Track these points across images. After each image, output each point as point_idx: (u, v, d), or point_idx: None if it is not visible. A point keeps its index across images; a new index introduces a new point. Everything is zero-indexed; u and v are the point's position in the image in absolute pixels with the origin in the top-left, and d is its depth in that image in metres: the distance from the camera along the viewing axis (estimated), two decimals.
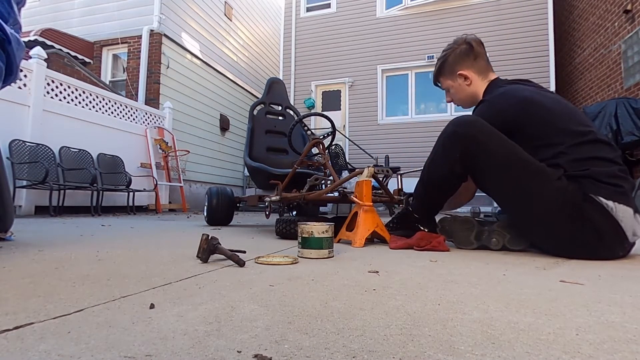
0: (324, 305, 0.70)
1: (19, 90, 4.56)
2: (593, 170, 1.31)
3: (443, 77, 1.81)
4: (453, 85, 1.77)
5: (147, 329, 0.55)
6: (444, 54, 1.78)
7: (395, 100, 8.58)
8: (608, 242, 1.30)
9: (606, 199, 1.27)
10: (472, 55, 1.70)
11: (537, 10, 7.59)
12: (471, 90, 1.72)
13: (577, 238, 1.32)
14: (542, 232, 1.41)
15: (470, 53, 1.70)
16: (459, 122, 1.51)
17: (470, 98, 1.75)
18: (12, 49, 1.30)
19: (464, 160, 1.48)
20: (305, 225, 1.29)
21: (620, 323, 0.61)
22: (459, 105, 1.83)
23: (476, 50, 1.70)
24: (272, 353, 0.47)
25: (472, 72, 1.71)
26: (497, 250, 1.52)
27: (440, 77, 1.82)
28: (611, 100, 5.26)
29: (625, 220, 1.28)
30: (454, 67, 1.73)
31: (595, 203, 1.28)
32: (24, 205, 4.52)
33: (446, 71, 1.77)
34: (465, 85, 1.73)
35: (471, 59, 1.70)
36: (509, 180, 1.41)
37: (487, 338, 0.54)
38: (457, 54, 1.72)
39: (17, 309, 0.64)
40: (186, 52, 7.96)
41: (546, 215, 1.35)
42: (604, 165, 1.32)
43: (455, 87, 1.76)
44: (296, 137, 3.25)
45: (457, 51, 1.72)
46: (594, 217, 1.28)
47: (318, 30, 9.10)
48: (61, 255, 1.25)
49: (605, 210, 1.27)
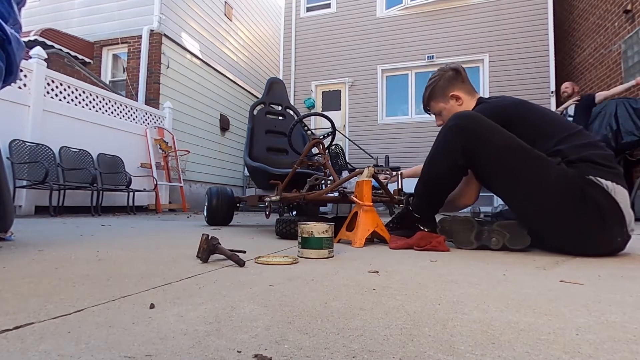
0: (324, 305, 0.70)
1: (19, 90, 4.56)
2: (590, 154, 1.39)
3: (434, 101, 1.87)
4: (445, 107, 1.84)
5: (147, 329, 0.55)
6: (432, 80, 1.86)
7: (395, 100, 8.58)
8: (610, 222, 1.33)
9: (605, 180, 1.34)
10: (459, 78, 1.81)
11: (537, 10, 7.59)
12: (463, 110, 1.78)
13: (580, 221, 1.35)
14: (544, 220, 1.43)
15: (458, 77, 1.81)
16: (460, 116, 1.56)
17: None
18: (12, 49, 1.30)
19: (466, 151, 1.52)
20: (305, 225, 1.29)
21: (620, 323, 0.61)
22: None
23: (462, 74, 1.82)
24: (272, 353, 0.47)
25: (462, 93, 1.80)
26: (497, 250, 1.52)
27: (432, 101, 1.88)
28: (611, 100, 5.26)
29: (623, 202, 1.34)
30: (446, 90, 1.81)
31: (595, 185, 1.34)
32: (24, 205, 4.52)
33: (437, 94, 1.84)
34: (457, 105, 1.80)
35: (459, 82, 1.81)
36: (510, 169, 1.45)
37: (487, 338, 0.54)
38: (446, 78, 1.82)
39: (17, 309, 0.64)
40: (186, 52, 7.96)
41: (548, 200, 1.39)
42: (599, 149, 1.42)
43: (448, 109, 1.83)
44: (296, 137, 3.25)
45: (445, 76, 1.82)
46: (595, 197, 1.33)
47: (318, 30, 9.09)
48: (61, 255, 1.25)
49: (605, 191, 1.33)
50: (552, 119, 1.55)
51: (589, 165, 1.37)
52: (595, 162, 1.37)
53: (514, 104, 1.60)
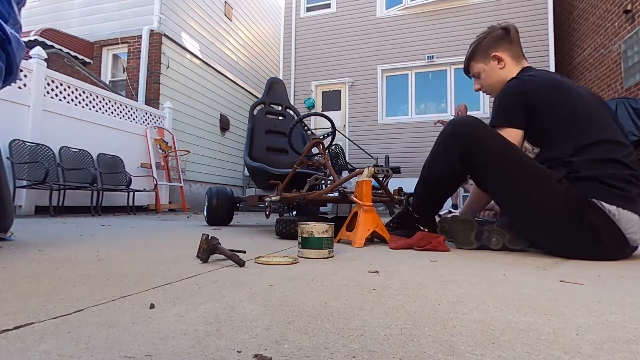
0: (324, 305, 0.70)
1: (19, 90, 4.56)
2: (602, 173, 1.28)
3: (475, 60, 1.72)
4: (485, 69, 1.69)
5: (147, 329, 0.55)
6: (478, 38, 1.72)
7: (395, 100, 8.58)
8: (606, 245, 1.28)
9: (609, 204, 1.25)
10: (507, 39, 1.65)
11: (537, 10, 7.59)
12: (504, 74, 1.65)
13: (574, 240, 1.31)
14: (539, 236, 1.42)
15: (506, 37, 1.65)
16: (460, 122, 1.52)
17: (501, 83, 1.66)
18: (12, 49, 1.30)
19: (464, 160, 1.49)
20: (305, 225, 1.29)
21: (620, 323, 0.61)
22: (487, 92, 1.76)
23: (512, 35, 1.65)
24: (272, 353, 0.47)
25: (506, 55, 1.65)
26: (497, 250, 1.52)
27: (472, 60, 1.74)
28: (611, 100, 5.26)
29: (627, 228, 1.26)
30: (488, 49, 1.67)
31: (596, 207, 1.27)
32: (24, 205, 4.52)
33: (479, 54, 1.70)
34: (498, 68, 1.66)
35: (507, 43, 1.65)
36: (507, 181, 1.41)
37: (487, 338, 0.54)
38: (492, 36, 1.67)
39: (17, 309, 0.64)
40: (186, 52, 7.96)
41: (544, 216, 1.35)
42: (616, 168, 1.29)
43: (488, 71, 1.69)
44: (296, 137, 3.25)
45: (493, 34, 1.67)
46: (593, 221, 1.26)
47: (318, 30, 9.09)
48: (61, 255, 1.25)
49: (607, 216, 1.25)
50: (589, 114, 1.38)
51: (597, 186, 1.27)
52: (605, 182, 1.27)
53: (551, 86, 1.44)
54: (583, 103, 1.42)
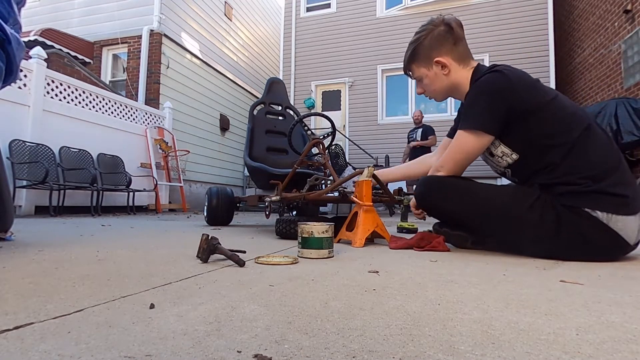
0: (324, 305, 0.70)
1: (19, 90, 4.56)
2: (598, 186, 1.23)
3: (416, 63, 1.54)
4: (428, 75, 1.52)
5: (147, 329, 0.55)
6: (417, 36, 1.51)
7: (395, 100, 8.58)
8: (605, 250, 1.27)
9: (601, 211, 1.22)
10: (451, 38, 1.45)
11: (537, 10, 7.59)
12: (449, 81, 1.50)
13: (560, 247, 1.30)
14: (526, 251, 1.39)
15: (449, 36, 1.45)
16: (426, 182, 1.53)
17: (446, 89, 1.53)
18: (12, 49, 1.30)
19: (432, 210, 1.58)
20: (305, 225, 1.29)
21: (620, 323, 0.61)
22: (431, 97, 1.60)
23: (456, 32, 1.45)
24: (272, 353, 0.47)
25: (450, 60, 1.47)
26: (496, 250, 1.52)
27: (413, 64, 1.55)
28: (611, 100, 5.26)
29: (625, 229, 1.23)
30: (430, 52, 1.48)
31: (590, 217, 1.24)
32: (24, 205, 4.52)
33: (420, 57, 1.51)
34: (442, 74, 1.49)
35: (450, 43, 1.46)
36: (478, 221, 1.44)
37: (487, 338, 0.54)
38: (434, 36, 1.47)
39: (17, 309, 0.64)
40: (186, 52, 7.96)
41: (526, 238, 1.34)
42: (606, 174, 1.24)
43: (430, 77, 1.52)
44: (296, 137, 3.25)
45: (434, 33, 1.47)
46: (586, 231, 1.24)
47: (318, 30, 9.09)
48: (61, 255, 1.25)
49: (602, 223, 1.22)
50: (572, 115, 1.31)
51: (591, 197, 1.24)
52: (601, 191, 1.23)
53: (532, 86, 1.35)
54: (564, 102, 1.35)
